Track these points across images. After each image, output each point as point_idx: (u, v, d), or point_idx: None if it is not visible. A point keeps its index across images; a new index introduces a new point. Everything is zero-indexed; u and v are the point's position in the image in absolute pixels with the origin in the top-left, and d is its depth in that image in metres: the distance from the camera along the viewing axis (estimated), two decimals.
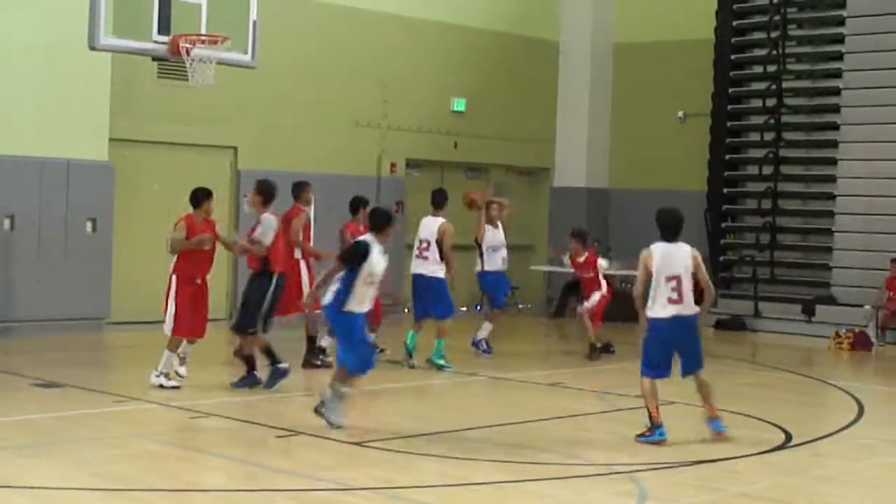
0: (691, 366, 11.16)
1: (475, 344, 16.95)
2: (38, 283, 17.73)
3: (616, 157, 25.74)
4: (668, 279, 10.84)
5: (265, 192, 13.48)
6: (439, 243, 15.46)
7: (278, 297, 13.32)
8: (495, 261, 17.06)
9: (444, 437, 11.07)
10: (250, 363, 13.39)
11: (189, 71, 15.21)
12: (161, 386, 12.98)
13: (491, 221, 17.07)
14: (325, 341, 14.92)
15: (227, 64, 15.90)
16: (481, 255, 17.07)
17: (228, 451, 10.41)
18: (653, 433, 10.93)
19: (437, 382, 14.79)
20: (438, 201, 15.86)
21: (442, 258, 15.47)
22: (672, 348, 11.04)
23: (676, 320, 10.87)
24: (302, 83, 21.11)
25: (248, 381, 13.30)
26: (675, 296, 10.83)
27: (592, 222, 25.29)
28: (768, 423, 12.25)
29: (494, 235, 17.10)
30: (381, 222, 11.36)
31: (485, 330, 17.03)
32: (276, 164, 20.61)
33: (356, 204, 15.82)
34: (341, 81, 21.69)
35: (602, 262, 17.58)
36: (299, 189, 15.24)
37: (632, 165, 25.30)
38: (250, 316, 13.19)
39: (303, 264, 14.85)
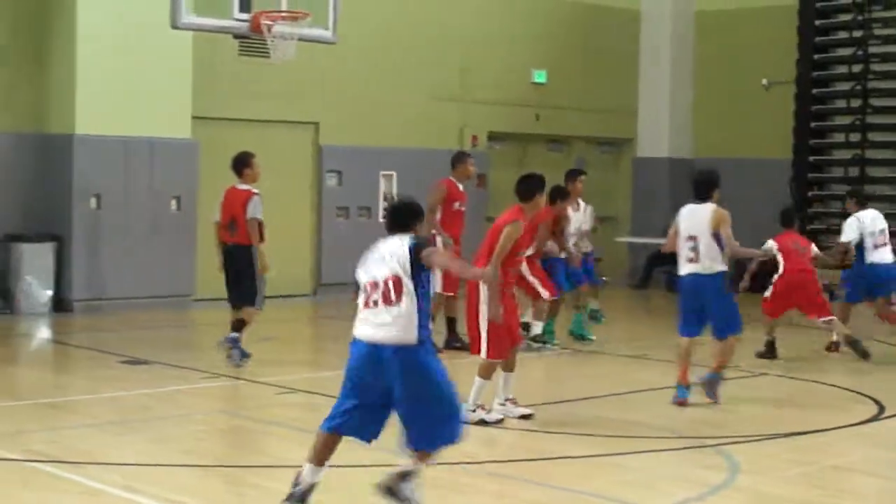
0: (720, 330, 11.31)
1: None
2: (125, 261, 17.93)
3: (699, 127, 25.43)
4: (688, 239, 11.06)
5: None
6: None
7: None
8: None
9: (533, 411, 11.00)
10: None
11: (270, 48, 15.23)
12: (483, 421, 10.26)
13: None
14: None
15: (308, 40, 15.89)
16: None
17: (315, 426, 10.40)
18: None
19: (526, 356, 14.68)
20: None
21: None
22: (694, 307, 11.14)
23: (693, 278, 11.05)
24: (380, 57, 21.06)
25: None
26: (692, 255, 11.03)
27: (676, 193, 25.03)
28: (860, 394, 12.07)
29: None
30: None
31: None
32: (357, 139, 20.68)
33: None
34: (420, 55, 21.60)
35: None
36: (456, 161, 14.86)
37: (715, 135, 24.96)
38: None
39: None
